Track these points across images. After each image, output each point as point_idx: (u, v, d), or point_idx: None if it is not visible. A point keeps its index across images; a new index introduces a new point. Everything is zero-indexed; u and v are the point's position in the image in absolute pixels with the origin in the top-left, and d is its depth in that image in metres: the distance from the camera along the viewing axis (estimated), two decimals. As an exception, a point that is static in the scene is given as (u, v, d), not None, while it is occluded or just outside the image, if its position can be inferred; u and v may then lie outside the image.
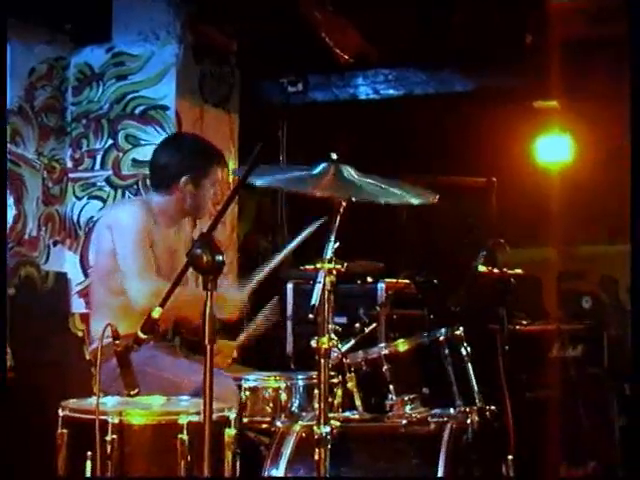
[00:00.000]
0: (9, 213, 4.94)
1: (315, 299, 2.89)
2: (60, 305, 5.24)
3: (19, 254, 5.07)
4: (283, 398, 3.62)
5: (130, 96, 5.35)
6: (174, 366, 3.68)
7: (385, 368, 3.63)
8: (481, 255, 4.51)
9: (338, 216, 3.04)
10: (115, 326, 2.91)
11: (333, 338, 2.94)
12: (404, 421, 3.36)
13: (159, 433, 2.90)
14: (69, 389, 4.19)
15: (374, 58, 5.66)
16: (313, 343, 2.92)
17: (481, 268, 4.58)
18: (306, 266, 4.54)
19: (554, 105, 6.69)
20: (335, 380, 3.59)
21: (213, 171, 3.95)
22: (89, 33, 5.39)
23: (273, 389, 3.63)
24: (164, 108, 5.29)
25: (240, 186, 2.91)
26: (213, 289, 2.65)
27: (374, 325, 3.95)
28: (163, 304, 2.83)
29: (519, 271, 4.95)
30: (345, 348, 3.63)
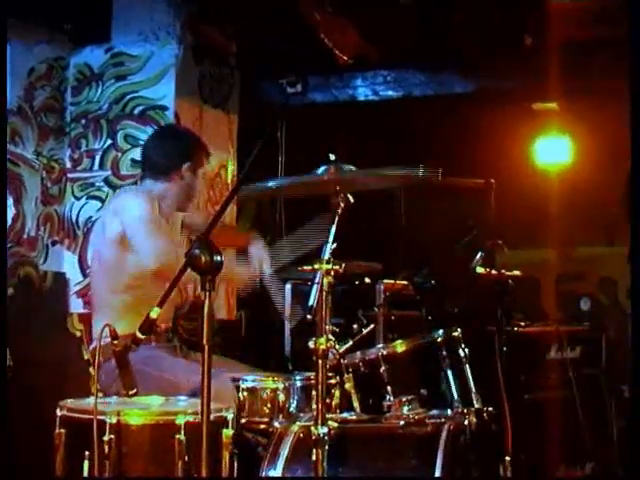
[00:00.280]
0: (8, 213, 4.94)
1: (313, 300, 2.90)
2: (58, 305, 5.24)
3: (18, 254, 5.06)
4: (281, 399, 3.61)
5: (129, 96, 5.35)
6: (172, 366, 3.68)
7: (383, 369, 3.63)
8: (479, 256, 4.52)
9: (336, 217, 3.05)
10: (113, 326, 2.92)
11: (331, 339, 2.95)
12: (402, 422, 3.35)
13: (157, 433, 2.89)
14: (67, 389, 4.20)
15: (374, 59, 5.66)
16: (311, 344, 2.93)
17: (479, 269, 4.59)
18: (304, 267, 4.53)
19: (553, 107, 6.71)
20: (333, 381, 3.58)
21: (206, 161, 4.10)
22: (88, 33, 5.39)
23: (271, 390, 3.63)
24: (163, 108, 5.29)
25: (239, 186, 2.92)
26: (211, 290, 2.65)
27: (372, 326, 3.95)
28: (161, 304, 2.83)
29: (517, 272, 4.95)
30: (343, 349, 3.62)
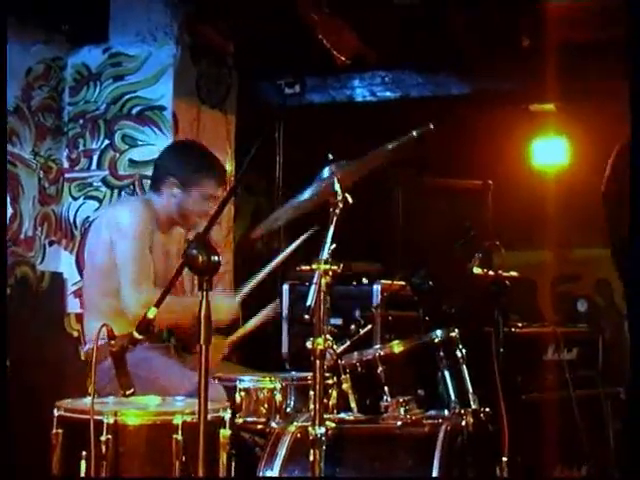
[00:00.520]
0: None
1: (311, 300, 2.90)
2: (56, 305, 5.24)
3: (15, 254, 5.06)
4: (278, 399, 3.61)
5: (127, 96, 5.35)
6: (166, 371, 3.68)
7: (380, 369, 3.63)
8: (477, 257, 4.52)
9: (334, 217, 3.04)
10: (110, 326, 2.92)
11: (328, 339, 2.95)
12: (399, 422, 3.35)
13: (154, 433, 2.90)
14: (64, 389, 4.20)
15: (372, 60, 5.66)
16: (308, 344, 2.93)
17: (476, 270, 4.59)
18: (302, 267, 4.55)
19: (550, 108, 6.71)
20: (330, 381, 3.58)
21: (206, 183, 3.92)
22: (86, 33, 5.39)
23: (268, 390, 3.63)
24: (161, 109, 5.28)
25: (236, 187, 2.92)
26: (209, 289, 2.65)
27: (369, 326, 3.95)
28: (158, 304, 2.84)
29: (514, 273, 4.96)
30: (340, 349, 3.63)
